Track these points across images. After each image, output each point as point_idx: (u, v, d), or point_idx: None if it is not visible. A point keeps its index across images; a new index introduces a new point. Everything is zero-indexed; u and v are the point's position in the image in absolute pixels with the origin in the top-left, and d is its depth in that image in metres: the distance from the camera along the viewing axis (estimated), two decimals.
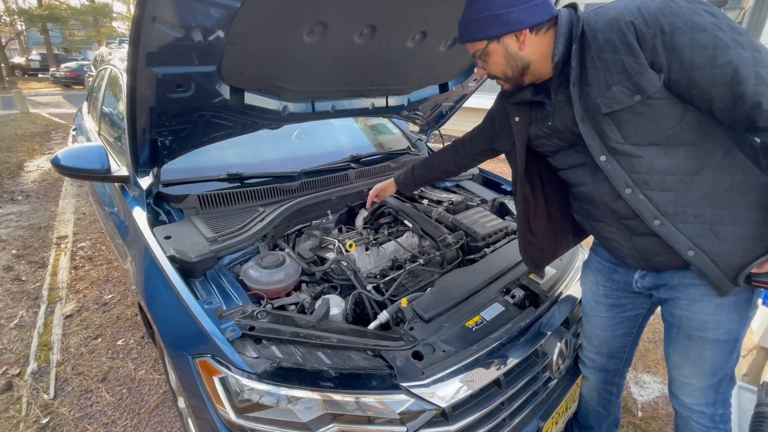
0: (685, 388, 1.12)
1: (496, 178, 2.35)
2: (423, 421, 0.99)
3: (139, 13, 0.90)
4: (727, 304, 0.97)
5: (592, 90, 0.89)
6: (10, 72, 19.66)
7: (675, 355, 1.11)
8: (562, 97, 0.98)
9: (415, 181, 1.64)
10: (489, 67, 1.03)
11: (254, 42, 1.19)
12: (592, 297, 1.30)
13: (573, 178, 1.09)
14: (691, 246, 0.91)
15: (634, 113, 0.86)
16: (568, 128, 1.00)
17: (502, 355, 1.15)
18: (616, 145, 0.90)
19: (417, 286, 1.48)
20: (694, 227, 0.91)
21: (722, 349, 1.03)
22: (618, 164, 0.92)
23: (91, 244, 3.32)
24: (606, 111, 0.88)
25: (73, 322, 2.36)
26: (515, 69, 0.99)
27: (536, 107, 1.09)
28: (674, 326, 1.08)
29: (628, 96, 0.84)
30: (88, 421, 1.75)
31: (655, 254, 1.00)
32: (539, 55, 0.96)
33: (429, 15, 1.42)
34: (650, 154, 0.89)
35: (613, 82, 0.85)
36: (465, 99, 2.30)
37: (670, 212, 0.91)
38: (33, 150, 6.36)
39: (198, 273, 1.26)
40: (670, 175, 0.89)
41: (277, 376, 0.96)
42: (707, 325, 1.00)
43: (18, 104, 9.52)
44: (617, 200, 0.98)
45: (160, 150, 1.45)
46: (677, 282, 1.03)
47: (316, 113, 1.77)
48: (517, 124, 1.13)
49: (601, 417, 1.46)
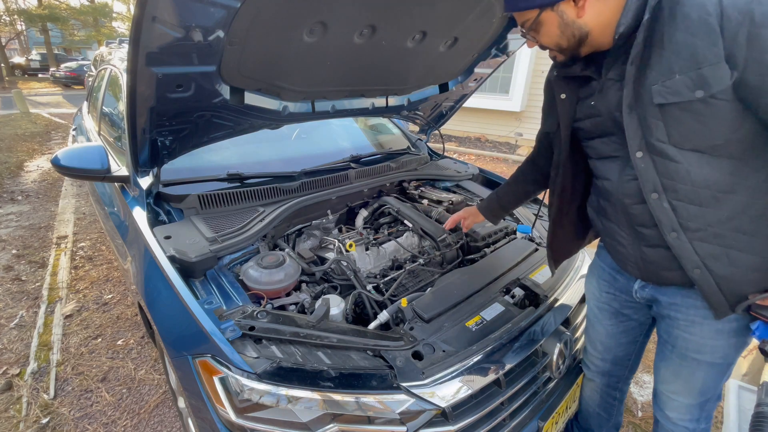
0: (670, 403, 1.10)
1: (496, 178, 2.35)
2: (423, 421, 0.99)
3: (139, 13, 0.90)
4: (728, 330, 0.93)
5: (651, 73, 0.78)
6: (10, 72, 19.67)
7: (665, 371, 1.08)
8: (614, 75, 0.87)
9: (501, 203, 1.51)
10: (541, 38, 0.91)
11: (254, 42, 1.19)
12: (596, 303, 1.26)
13: (600, 169, 1.00)
14: (700, 265, 0.85)
15: (689, 111, 0.75)
16: (610, 113, 0.90)
17: (503, 355, 1.15)
18: (656, 143, 0.81)
19: (417, 286, 1.48)
20: (711, 248, 0.84)
21: (715, 372, 1.00)
22: (652, 164, 0.83)
23: (91, 244, 3.32)
24: (659, 101, 0.77)
25: (73, 322, 2.36)
26: (571, 40, 0.86)
27: (585, 83, 0.97)
28: (668, 344, 1.04)
29: (689, 89, 0.73)
30: (88, 421, 1.75)
31: (661, 268, 0.95)
32: (601, 23, 0.83)
33: (429, 15, 1.42)
34: (690, 160, 0.79)
35: (678, 69, 0.74)
36: (465, 99, 2.30)
37: (692, 228, 0.84)
38: (33, 150, 6.36)
39: (198, 273, 1.26)
40: (705, 189, 0.80)
41: (277, 376, 0.96)
42: (704, 348, 0.97)
43: (18, 104, 9.52)
44: (638, 204, 0.91)
45: (160, 150, 1.45)
46: (679, 301, 0.98)
47: (316, 113, 1.77)
48: (563, 101, 1.01)
49: (603, 420, 1.44)
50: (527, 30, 0.91)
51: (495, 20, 1.60)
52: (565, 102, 1.01)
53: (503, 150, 7.19)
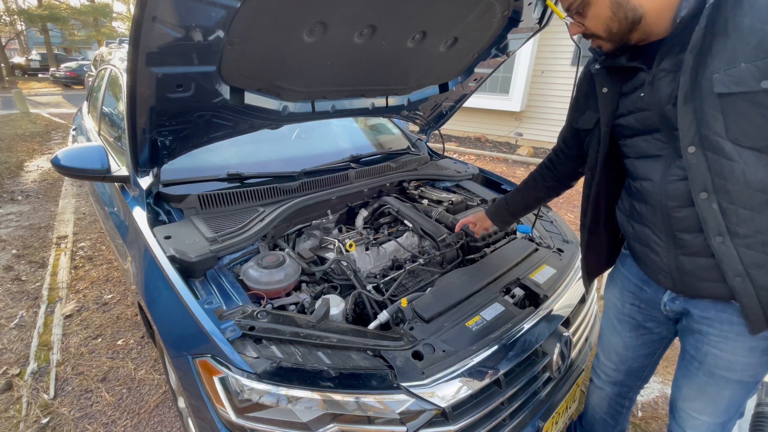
0: (692, 421, 1.05)
1: (496, 178, 2.35)
2: (423, 421, 0.99)
3: (139, 13, 0.90)
4: (762, 347, 0.88)
5: (712, 62, 0.73)
6: (10, 72, 19.68)
7: (688, 389, 1.02)
8: (668, 65, 0.81)
9: (510, 209, 1.46)
10: (588, 21, 0.85)
11: (254, 42, 1.19)
12: (616, 315, 1.21)
13: (640, 169, 0.93)
14: (742, 274, 0.80)
15: (753, 103, 0.70)
16: (659, 106, 0.84)
17: (503, 355, 1.15)
18: (713, 138, 0.75)
19: (417, 286, 1.48)
20: (756, 256, 0.79)
21: (742, 390, 0.95)
22: (705, 161, 0.77)
23: (91, 244, 3.32)
24: (721, 90, 0.72)
25: (73, 322, 2.36)
26: (622, 23, 0.81)
27: (629, 76, 0.91)
28: (695, 360, 0.98)
29: (755, 79, 0.68)
30: (88, 421, 1.75)
31: (697, 279, 0.89)
32: (657, 6, 0.78)
33: (429, 15, 1.42)
34: (747, 160, 0.74)
35: (744, 57, 0.69)
36: (465, 99, 2.30)
37: (740, 233, 0.79)
38: (33, 150, 6.36)
39: (198, 273, 1.26)
40: (759, 192, 0.75)
41: (277, 376, 0.96)
42: (735, 366, 0.92)
43: (18, 104, 9.53)
44: (682, 208, 0.85)
45: (160, 150, 1.45)
46: (712, 315, 0.92)
47: (316, 113, 1.77)
48: (604, 96, 0.95)
49: (609, 427, 1.42)
50: (574, 11, 0.85)
51: (495, 20, 1.60)
52: (606, 96, 0.95)
53: (503, 150, 7.19)
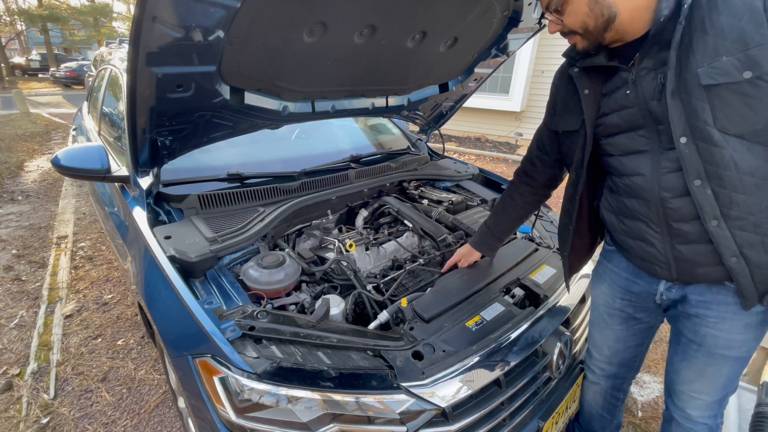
0: (693, 402, 1.09)
1: (496, 178, 2.35)
2: (423, 421, 0.99)
3: (139, 13, 0.90)
4: (755, 323, 0.94)
5: (694, 57, 0.77)
6: (10, 72, 19.66)
7: (687, 371, 1.07)
8: (649, 64, 0.86)
9: (495, 234, 1.44)
10: (566, 18, 0.89)
11: (254, 42, 1.19)
12: (606, 310, 1.24)
13: (628, 165, 0.96)
14: (737, 254, 0.85)
15: (737, 93, 0.75)
16: (643, 103, 0.88)
17: (502, 355, 1.15)
18: (702, 127, 0.79)
19: (417, 286, 1.48)
20: (749, 236, 0.84)
21: (740, 365, 1.01)
22: (696, 150, 0.81)
23: (91, 244, 3.32)
24: (707, 83, 0.76)
25: (73, 322, 2.36)
26: (599, 19, 0.85)
27: (609, 76, 0.95)
28: (694, 343, 1.02)
29: (738, 70, 0.73)
30: (88, 421, 1.75)
31: (696, 265, 0.93)
32: (631, 7, 0.82)
33: (429, 15, 1.42)
34: (735, 147, 0.79)
35: (725, 51, 0.74)
36: (465, 99, 2.30)
37: (733, 216, 0.83)
38: (33, 150, 6.36)
39: (198, 273, 1.26)
40: (748, 176, 0.80)
41: (277, 376, 0.96)
42: (733, 344, 0.97)
43: (18, 104, 9.52)
44: (677, 198, 0.88)
45: (160, 150, 1.45)
46: (709, 298, 0.97)
47: (316, 113, 1.77)
48: (586, 97, 0.99)
49: (606, 422, 1.44)
50: (552, 8, 0.89)
51: (495, 20, 1.60)
52: (588, 97, 0.98)
53: (503, 150, 7.19)
